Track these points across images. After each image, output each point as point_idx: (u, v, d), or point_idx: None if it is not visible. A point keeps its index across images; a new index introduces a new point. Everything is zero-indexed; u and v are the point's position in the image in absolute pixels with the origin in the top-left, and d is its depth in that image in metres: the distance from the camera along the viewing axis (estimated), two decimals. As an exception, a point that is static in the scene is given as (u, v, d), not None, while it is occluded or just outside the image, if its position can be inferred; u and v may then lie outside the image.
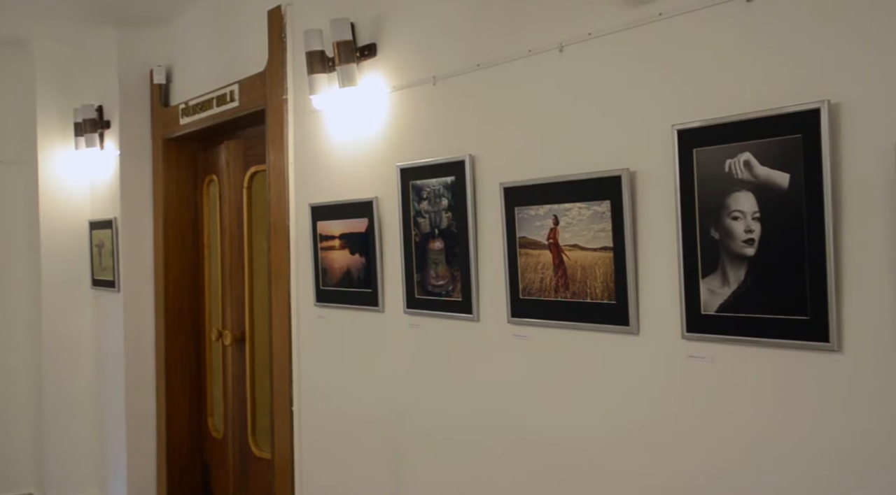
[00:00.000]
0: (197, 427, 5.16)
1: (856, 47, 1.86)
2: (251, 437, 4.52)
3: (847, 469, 1.91)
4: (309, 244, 3.74)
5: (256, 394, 4.51)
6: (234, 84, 4.28)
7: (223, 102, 4.38)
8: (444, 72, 2.97)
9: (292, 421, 3.91)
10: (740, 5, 2.08)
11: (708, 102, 2.15)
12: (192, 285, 5.14)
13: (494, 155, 2.78)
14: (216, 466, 4.98)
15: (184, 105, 4.78)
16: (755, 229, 2.02)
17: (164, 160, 5.06)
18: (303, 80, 3.62)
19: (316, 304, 3.73)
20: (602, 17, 2.41)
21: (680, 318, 2.21)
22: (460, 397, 2.97)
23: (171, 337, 5.09)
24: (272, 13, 3.95)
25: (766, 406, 2.05)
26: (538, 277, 2.60)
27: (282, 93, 3.90)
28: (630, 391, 2.38)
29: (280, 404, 3.98)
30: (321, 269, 3.66)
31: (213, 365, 5.02)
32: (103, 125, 5.30)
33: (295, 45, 3.80)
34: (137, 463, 5.16)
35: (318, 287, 3.70)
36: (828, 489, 1.95)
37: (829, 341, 1.90)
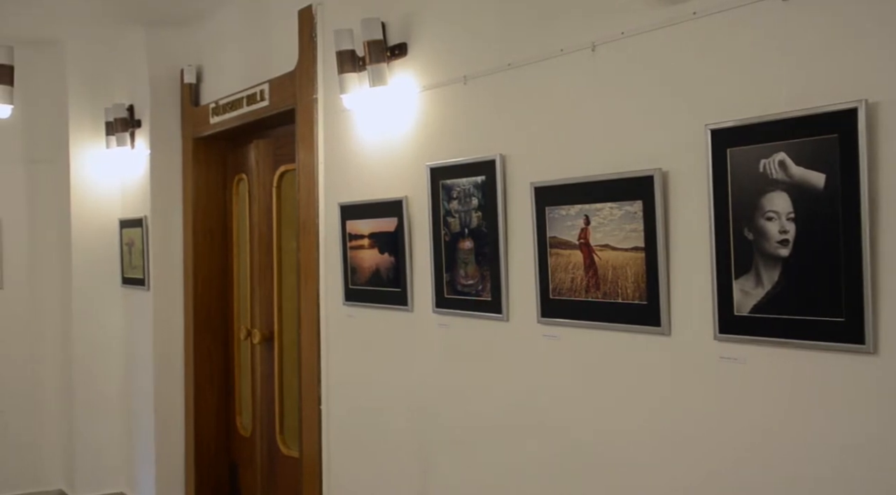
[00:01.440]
0: (225, 425, 5.19)
1: (893, 45, 1.84)
2: (279, 436, 4.54)
3: (881, 472, 1.88)
4: (338, 243, 3.75)
5: (284, 393, 4.53)
6: (265, 83, 4.30)
7: (253, 102, 4.40)
8: (475, 71, 2.96)
9: (320, 420, 3.92)
10: (776, 4, 2.06)
11: (742, 102, 2.13)
12: (221, 284, 5.17)
13: (525, 154, 2.78)
14: (244, 465, 5.00)
15: (214, 104, 4.81)
16: (790, 230, 2.01)
17: (194, 159, 5.10)
18: (333, 79, 3.63)
19: (345, 303, 3.74)
20: (635, 16, 2.40)
21: (712, 319, 2.19)
22: (489, 397, 2.97)
23: (200, 335, 5.12)
24: (302, 13, 3.96)
25: (800, 408, 2.04)
26: (568, 277, 2.59)
27: (312, 92, 3.91)
28: (661, 392, 2.37)
29: (308, 403, 3.99)
30: (350, 268, 3.67)
31: (242, 363, 5.05)
32: (134, 124, 5.35)
33: (325, 45, 3.81)
34: (165, 461, 5.20)
35: (347, 286, 3.70)
36: (861, 492, 1.92)
37: (865, 343, 1.88)
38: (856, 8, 1.91)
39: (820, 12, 1.97)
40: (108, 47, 5.60)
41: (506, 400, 2.90)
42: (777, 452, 2.09)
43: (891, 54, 1.85)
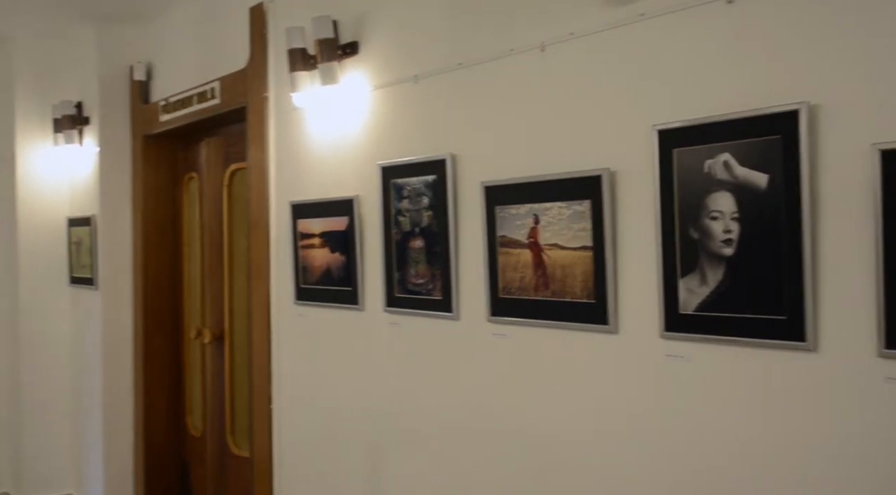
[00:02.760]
0: (175, 425, 5.13)
1: (835, 49, 1.88)
2: (230, 436, 4.50)
3: (823, 467, 1.92)
4: (289, 242, 3.73)
5: (235, 393, 4.50)
6: (216, 81, 4.26)
7: (204, 99, 4.36)
8: (426, 70, 2.97)
9: (271, 420, 3.89)
10: (721, 7, 2.09)
11: (688, 103, 2.16)
12: (172, 283, 5.11)
13: (475, 154, 2.79)
14: (195, 465, 4.96)
15: (164, 102, 4.76)
16: (734, 229, 2.04)
17: (144, 157, 5.03)
18: (284, 77, 3.61)
19: (296, 302, 3.72)
20: (584, 17, 2.42)
21: (659, 317, 2.22)
22: (440, 395, 2.97)
23: (150, 334, 5.06)
24: (254, 10, 3.93)
25: (744, 405, 2.07)
26: (518, 276, 2.60)
27: (263, 90, 3.88)
28: (609, 389, 2.39)
29: (259, 402, 3.96)
30: (301, 267, 3.65)
31: (192, 363, 5.00)
32: (82, 121, 5.27)
33: (277, 43, 3.79)
34: (115, 462, 5.12)
35: (298, 285, 3.69)
36: (804, 487, 1.96)
37: (806, 340, 1.92)
38: (798, 12, 1.94)
39: (764, 15, 2.01)
40: (56, 43, 5.49)
41: (456, 399, 2.90)
42: (721, 449, 2.12)
43: (831, 58, 1.88)
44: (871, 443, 1.84)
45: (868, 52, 1.82)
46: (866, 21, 1.83)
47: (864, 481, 1.85)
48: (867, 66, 1.82)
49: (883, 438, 1.82)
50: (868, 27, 1.82)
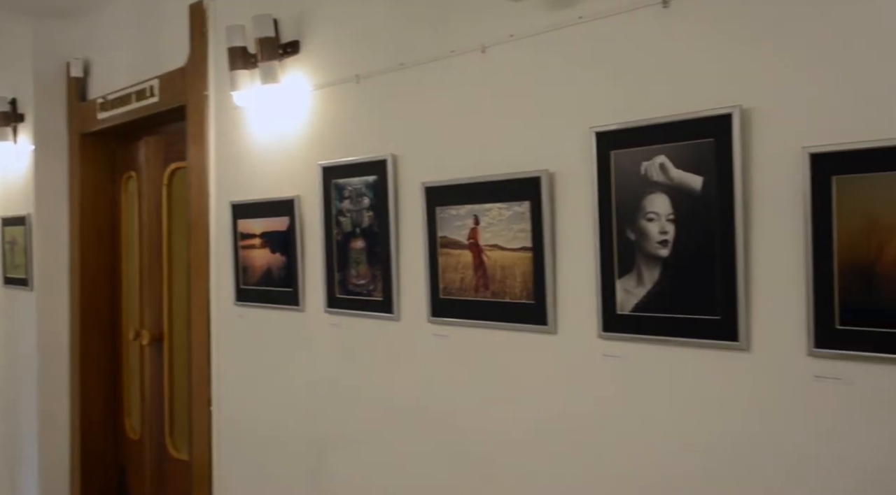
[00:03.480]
0: (113, 428, 5.04)
1: (767, 54, 1.92)
2: (169, 438, 4.44)
3: (756, 463, 1.96)
4: (229, 242, 3.69)
5: (175, 395, 4.43)
6: (154, 79, 4.20)
7: (143, 97, 4.29)
8: (368, 71, 2.96)
9: (211, 422, 3.85)
10: (657, 11, 2.12)
11: (626, 105, 2.18)
12: (109, 284, 5.01)
13: (417, 154, 2.79)
14: (132, 468, 4.87)
15: (102, 99, 4.67)
16: (669, 231, 2.06)
17: (81, 155, 4.93)
18: (225, 76, 3.57)
19: (236, 303, 3.68)
20: (523, 18, 2.43)
21: (596, 318, 2.24)
22: (381, 396, 2.96)
23: (87, 336, 4.95)
24: (194, 8, 3.88)
25: (679, 403, 2.10)
26: (458, 277, 2.61)
27: (203, 89, 3.84)
28: (548, 389, 2.41)
29: (198, 405, 3.91)
30: (241, 268, 3.62)
31: (131, 365, 4.91)
32: (17, 118, 5.14)
33: (217, 41, 3.74)
34: (50, 466, 5.01)
35: (238, 286, 3.65)
36: (738, 482, 1.99)
37: (739, 340, 1.95)
38: (732, 17, 1.98)
39: (698, 20, 2.04)
40: (-11, 38, 5.37)
41: (397, 399, 2.90)
42: (657, 446, 2.15)
43: (763, 62, 1.92)
44: (802, 440, 1.88)
45: (798, 58, 1.86)
46: (797, 27, 1.86)
47: (795, 476, 1.89)
48: (798, 71, 1.86)
49: (812, 435, 1.86)
50: (798, 33, 1.86)
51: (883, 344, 1.72)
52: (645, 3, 2.13)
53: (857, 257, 1.75)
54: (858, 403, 1.79)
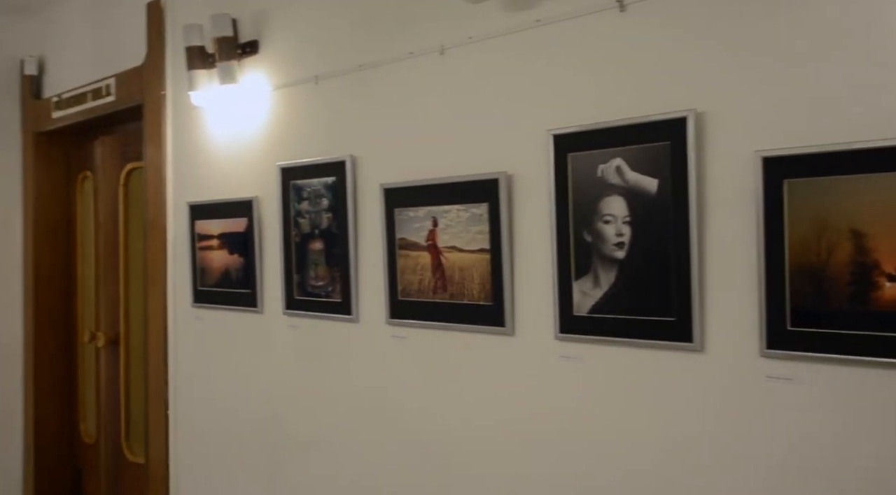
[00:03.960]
0: (68, 432, 4.96)
1: (721, 59, 1.94)
2: (125, 442, 4.38)
3: (710, 463, 1.98)
4: (187, 243, 3.65)
5: (131, 398, 4.38)
6: (111, 78, 4.14)
7: (99, 96, 4.24)
8: (327, 71, 2.95)
9: (167, 426, 3.81)
10: (614, 14, 2.13)
11: (583, 108, 2.20)
12: (64, 285, 4.94)
13: (375, 156, 2.78)
14: (88, 472, 4.80)
15: (57, 98, 4.60)
16: (625, 233, 2.08)
17: (35, 155, 4.85)
18: (182, 75, 3.54)
19: (193, 305, 3.65)
20: (482, 21, 2.43)
21: (554, 319, 2.25)
22: (340, 398, 2.95)
23: (41, 338, 4.87)
24: (151, 6, 3.84)
25: (635, 404, 2.12)
26: (417, 278, 2.61)
27: (160, 88, 3.80)
28: (506, 391, 2.41)
29: (155, 408, 3.87)
30: (199, 269, 3.58)
31: (86, 367, 4.84)
32: (-31, 117, 5.05)
33: (174, 40, 3.71)
34: (4, 470, 4.92)
35: (196, 287, 3.61)
36: (693, 482, 2.01)
37: (693, 341, 1.97)
38: (687, 22, 2.00)
39: (654, 24, 2.06)
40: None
41: (356, 401, 2.89)
42: (614, 447, 2.16)
43: (718, 67, 1.94)
44: (755, 439, 1.90)
45: (751, 63, 1.89)
46: (750, 33, 1.89)
47: (748, 475, 1.92)
48: (751, 76, 1.89)
49: (765, 434, 1.88)
50: (751, 39, 1.89)
51: (832, 345, 1.75)
52: (602, 7, 2.15)
53: (807, 260, 1.78)
54: (809, 403, 1.82)
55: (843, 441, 1.77)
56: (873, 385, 1.72)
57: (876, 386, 1.72)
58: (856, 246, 1.71)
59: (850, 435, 1.76)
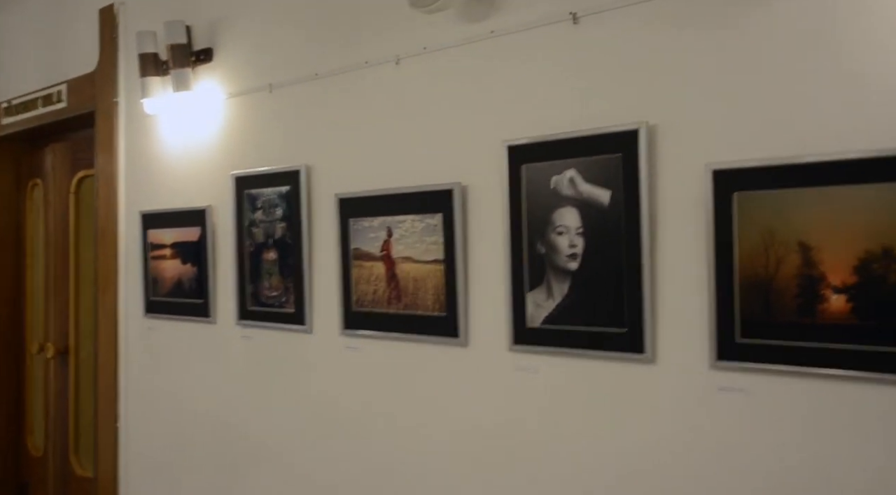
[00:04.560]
0: (14, 444, 4.85)
1: (673, 72, 1.96)
2: (73, 456, 4.30)
3: (663, 473, 1.99)
4: (139, 253, 3.60)
5: (80, 410, 4.29)
6: (62, 84, 4.08)
7: (49, 103, 4.17)
8: (282, 80, 2.93)
9: (117, 438, 3.75)
10: (567, 27, 2.14)
11: (537, 120, 2.20)
12: (13, 294, 4.84)
13: (330, 165, 2.77)
14: (34, 486, 4.70)
15: (6, 104, 4.52)
16: (578, 244, 2.09)
17: (-16, 162, 4.76)
18: (135, 82, 3.50)
19: (145, 315, 3.60)
20: (437, 31, 2.43)
21: (507, 331, 2.25)
22: (294, 410, 2.92)
23: (-12, 349, 4.78)
24: (104, 12, 3.79)
25: (588, 415, 2.12)
26: (371, 289, 2.59)
27: (113, 95, 3.74)
28: (460, 402, 2.40)
29: (105, 420, 3.80)
30: (151, 279, 3.53)
31: (34, 379, 4.74)
32: (-84, 122, 4.94)
33: (128, 47, 3.67)
34: (-53, 485, 4.81)
35: (148, 297, 3.56)
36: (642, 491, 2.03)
37: (645, 353, 1.98)
38: (640, 35, 2.01)
39: (607, 37, 2.07)
40: None
41: (310, 412, 2.86)
42: (567, 458, 2.16)
43: (669, 80, 1.96)
44: (707, 450, 1.91)
45: (702, 77, 1.91)
46: (701, 47, 1.91)
47: (701, 486, 1.93)
48: (701, 90, 1.91)
49: (717, 445, 1.90)
50: (702, 53, 1.91)
51: (780, 356, 1.77)
52: (555, 19, 2.16)
53: (756, 272, 1.79)
54: (759, 414, 1.83)
55: (792, 451, 1.78)
56: (820, 395, 1.74)
57: (823, 396, 1.74)
58: (803, 258, 1.73)
59: (799, 445, 1.77)
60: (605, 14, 2.07)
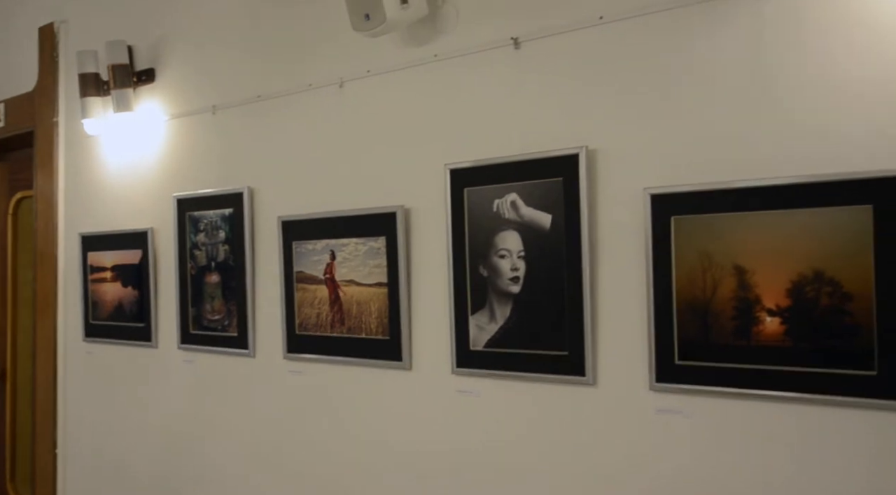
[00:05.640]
0: (-51, 473, 4.72)
1: (612, 98, 1.98)
2: (10, 483, 4.18)
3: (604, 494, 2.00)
4: (78, 275, 3.54)
5: (17, 436, 4.19)
6: (0, 103, 4.00)
7: (-13, 122, 4.09)
8: (225, 102, 2.90)
9: (55, 465, 3.66)
10: (509, 52, 2.16)
11: (479, 143, 2.22)
12: (-52, 318, 4.72)
13: (274, 188, 2.75)
14: (-30, 515, 4.57)
15: (-57, 123, 4.42)
16: (520, 267, 2.10)
17: (-81, 182, 4.64)
18: (76, 102, 3.45)
19: (85, 339, 3.53)
20: (381, 54, 2.44)
21: (450, 354, 2.25)
22: (237, 434, 2.89)
23: (-78, 374, 4.64)
24: (43, 30, 3.73)
25: (531, 437, 2.12)
26: (315, 312, 2.58)
27: (52, 115, 3.68)
28: (404, 425, 2.39)
29: (42, 446, 3.71)
30: (91, 302, 3.47)
31: (-30, 404, 4.62)
32: None
33: (68, 66, 3.61)
34: None
35: (88, 321, 3.50)
36: (584, 517, 2.03)
37: (586, 375, 1.99)
38: (580, 61, 2.04)
39: (548, 63, 2.09)
40: None
41: (253, 437, 2.83)
42: (510, 480, 2.16)
43: (608, 105, 1.99)
44: (647, 472, 1.93)
45: (641, 103, 1.93)
46: (639, 75, 1.94)
47: (638, 509, 1.94)
48: (640, 116, 1.93)
49: (657, 467, 1.91)
50: (641, 80, 1.94)
51: (717, 378, 1.79)
52: (498, 44, 2.18)
53: (694, 295, 1.82)
54: (697, 435, 1.85)
55: (729, 471, 1.80)
56: (757, 417, 1.77)
57: (759, 417, 1.76)
58: (739, 281, 1.76)
59: (736, 466, 1.80)
60: (547, 40, 2.10)
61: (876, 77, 1.63)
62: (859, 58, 1.65)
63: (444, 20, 2.29)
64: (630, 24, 1.95)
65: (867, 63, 1.64)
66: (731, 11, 1.80)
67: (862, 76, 1.64)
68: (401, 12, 2.18)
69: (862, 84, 1.64)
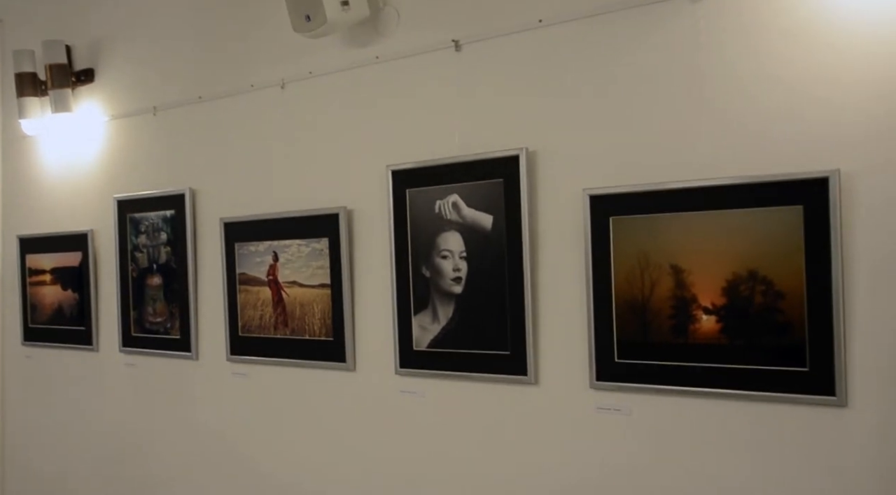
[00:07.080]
0: None
1: (551, 100, 2.00)
2: (-53, 491, 4.10)
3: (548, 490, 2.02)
4: (16, 278, 3.47)
5: (-45, 443, 4.10)
6: (-66, 103, 3.91)
7: (-79, 122, 3.98)
8: (166, 102, 2.87)
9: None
10: (450, 54, 2.17)
11: (421, 145, 2.22)
12: None
13: (216, 189, 2.73)
14: None
15: None
16: (462, 268, 2.11)
17: None
18: (12, 103, 3.38)
19: (24, 343, 3.46)
20: (322, 56, 2.43)
21: (394, 354, 2.26)
22: (180, 437, 2.86)
23: None
24: (-21, 29, 3.66)
25: (474, 436, 2.14)
26: (258, 314, 2.56)
27: (-11, 115, 3.61)
28: (348, 426, 2.39)
29: (-20, 453, 3.64)
30: (30, 306, 3.41)
31: None
32: None
33: (4, 66, 3.54)
34: None
35: (27, 325, 3.43)
36: (527, 515, 2.05)
37: (528, 375, 2.01)
38: (519, 64, 2.05)
39: (488, 65, 2.11)
40: None
41: (197, 440, 2.80)
42: (454, 479, 2.17)
43: (547, 107, 2.00)
44: (588, 468, 1.95)
45: (579, 105, 1.96)
46: (577, 77, 1.96)
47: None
48: (579, 118, 1.96)
49: (597, 463, 1.94)
50: (579, 83, 1.96)
51: (656, 376, 1.82)
52: (439, 46, 2.19)
53: (633, 294, 1.85)
54: (636, 432, 1.88)
55: (668, 467, 1.84)
56: (694, 413, 1.80)
57: (696, 414, 1.80)
58: (676, 280, 1.79)
59: (674, 461, 1.83)
60: (488, 42, 2.11)
61: (805, 80, 1.67)
62: (788, 61, 1.69)
63: (385, 22, 2.29)
64: (569, 28, 1.97)
65: (796, 66, 1.68)
66: (668, 15, 1.83)
67: (791, 79, 1.68)
68: (342, 14, 2.18)
69: (791, 86, 1.68)
